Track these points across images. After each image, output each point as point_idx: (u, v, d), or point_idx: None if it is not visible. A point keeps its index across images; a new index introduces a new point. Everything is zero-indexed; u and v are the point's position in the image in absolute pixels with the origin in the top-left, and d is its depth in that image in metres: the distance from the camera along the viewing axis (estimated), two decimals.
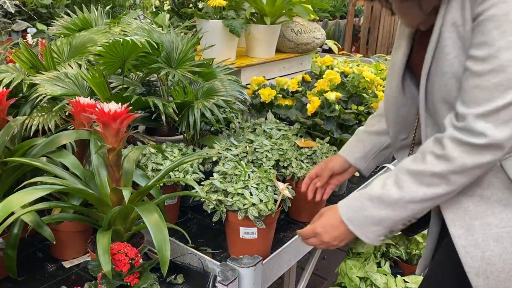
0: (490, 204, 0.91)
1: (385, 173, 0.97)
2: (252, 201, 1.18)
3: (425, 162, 0.87)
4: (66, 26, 1.74)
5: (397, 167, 0.93)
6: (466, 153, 0.83)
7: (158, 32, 1.59)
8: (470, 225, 0.91)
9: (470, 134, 0.82)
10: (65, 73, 1.45)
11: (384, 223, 0.93)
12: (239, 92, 1.58)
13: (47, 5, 3.12)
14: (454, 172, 0.85)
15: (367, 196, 0.94)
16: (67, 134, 1.17)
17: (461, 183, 0.87)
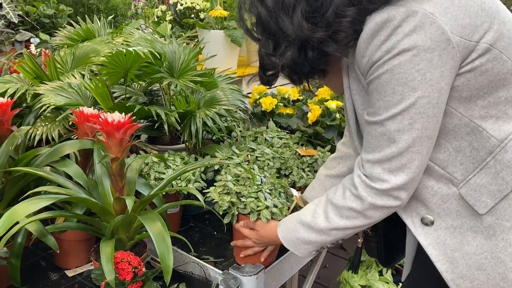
0: (463, 233, 0.93)
1: (317, 199, 1.07)
2: (266, 204, 1.18)
3: (344, 197, 0.97)
4: (69, 36, 1.76)
5: (325, 196, 1.04)
6: (374, 194, 0.92)
7: (160, 42, 1.60)
8: (452, 258, 0.95)
9: (371, 179, 0.91)
10: (68, 83, 1.46)
11: (313, 244, 1.05)
12: (240, 101, 1.59)
13: (50, 15, 3.16)
14: (368, 209, 0.94)
15: (299, 220, 1.06)
16: (71, 144, 1.18)
17: (378, 217, 0.96)
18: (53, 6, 3.20)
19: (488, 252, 0.91)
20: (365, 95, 0.94)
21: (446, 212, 0.95)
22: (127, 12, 3.73)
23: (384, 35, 0.81)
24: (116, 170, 1.08)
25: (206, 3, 2.01)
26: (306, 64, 0.91)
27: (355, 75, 0.94)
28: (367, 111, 0.92)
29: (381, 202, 0.92)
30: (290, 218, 1.11)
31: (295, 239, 1.06)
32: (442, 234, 0.96)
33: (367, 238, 1.20)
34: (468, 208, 0.92)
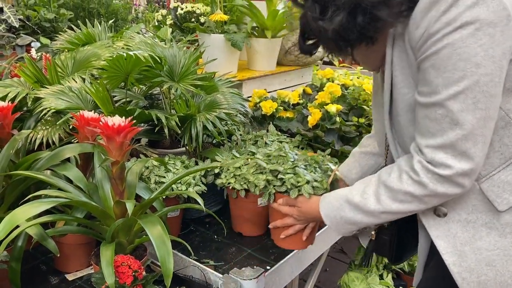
0: (477, 228, 0.93)
1: (366, 179, 1.02)
2: (306, 178, 1.13)
3: (401, 181, 0.92)
4: (70, 40, 1.77)
5: (376, 177, 0.99)
6: (436, 180, 0.88)
7: (160, 46, 1.61)
8: (461, 252, 0.94)
9: (434, 165, 0.87)
10: (69, 87, 1.47)
11: (358, 224, 1.01)
12: (240, 105, 1.60)
13: (51, 19, 3.17)
14: (427, 195, 0.90)
15: (346, 199, 1.01)
16: (71, 148, 1.18)
17: (434, 203, 0.92)
18: (53, 11, 3.22)
19: (501, 250, 0.91)
20: (409, 72, 0.90)
21: (461, 206, 0.93)
22: (128, 16, 3.74)
23: (445, 5, 0.77)
24: (117, 173, 1.08)
25: (207, 8, 2.02)
26: (354, 30, 0.84)
27: (402, 49, 0.89)
28: (419, 91, 0.87)
29: (443, 189, 0.87)
30: (334, 195, 1.06)
31: (339, 218, 1.02)
32: (453, 227, 0.95)
33: (381, 231, 1.16)
34: (487, 203, 0.91)
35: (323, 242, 1.53)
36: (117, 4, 3.56)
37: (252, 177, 1.18)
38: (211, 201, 1.57)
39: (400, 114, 0.95)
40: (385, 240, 1.16)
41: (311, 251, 1.45)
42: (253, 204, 1.39)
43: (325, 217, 1.05)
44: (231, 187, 1.38)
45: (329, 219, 1.05)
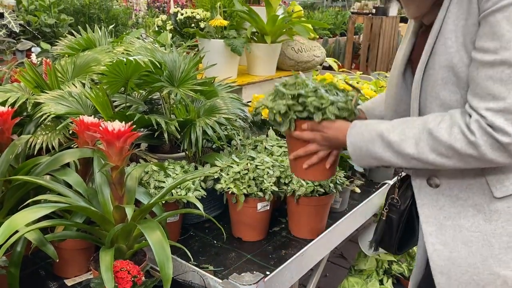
0: (465, 207, 0.93)
1: (408, 119, 0.94)
2: (330, 99, 1.03)
3: (451, 134, 0.85)
4: (70, 46, 1.77)
5: (422, 121, 0.91)
6: (490, 145, 0.82)
7: (160, 51, 1.61)
8: (442, 224, 0.94)
9: (494, 129, 0.81)
10: (69, 92, 1.47)
11: (382, 161, 0.95)
12: (240, 110, 1.60)
13: (51, 24, 3.18)
14: (473, 157, 0.85)
15: (380, 134, 0.94)
16: (71, 153, 1.18)
17: (472, 166, 0.87)
18: (54, 16, 3.23)
19: (482, 233, 0.91)
20: (463, 24, 0.85)
21: (456, 181, 0.93)
22: (128, 21, 3.75)
23: None
24: (116, 178, 1.08)
25: (206, 13, 2.03)
26: None
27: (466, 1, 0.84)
28: (481, 48, 0.81)
29: (493, 155, 0.83)
30: (366, 126, 0.99)
31: (365, 150, 0.96)
32: (442, 199, 0.94)
33: (391, 208, 1.13)
34: (484, 186, 0.91)
35: (324, 247, 1.52)
36: (117, 9, 3.58)
37: (271, 103, 1.07)
38: (210, 206, 1.57)
39: (435, 69, 0.90)
40: (393, 220, 1.13)
41: (310, 256, 1.45)
42: (253, 209, 1.39)
43: (350, 144, 0.99)
44: (231, 192, 1.38)
45: (353, 148, 0.98)
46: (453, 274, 0.93)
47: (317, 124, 1.05)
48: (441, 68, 0.89)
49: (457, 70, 0.88)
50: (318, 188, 1.42)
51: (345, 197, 1.69)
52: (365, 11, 5.91)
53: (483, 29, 0.82)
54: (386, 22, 4.66)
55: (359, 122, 1.01)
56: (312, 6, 8.44)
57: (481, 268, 0.91)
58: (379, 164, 0.98)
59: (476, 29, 0.84)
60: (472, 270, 0.92)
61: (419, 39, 1.04)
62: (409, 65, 1.04)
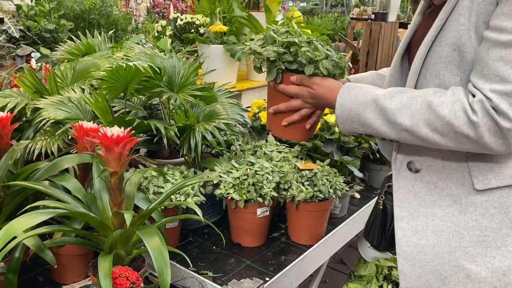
0: (441, 196, 0.92)
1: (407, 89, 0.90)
2: (325, 52, 0.96)
3: (451, 110, 0.82)
4: (70, 51, 1.78)
5: (422, 93, 0.87)
6: (488, 128, 0.80)
7: (160, 57, 1.62)
8: (415, 211, 0.93)
9: (497, 111, 0.79)
10: (68, 98, 1.47)
11: (369, 128, 0.91)
12: (239, 115, 1.60)
13: (51, 29, 3.18)
14: (468, 137, 0.82)
15: (375, 100, 0.90)
16: (70, 158, 1.18)
17: (463, 148, 0.85)
18: (54, 21, 3.23)
19: (454, 224, 0.90)
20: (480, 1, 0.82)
21: (436, 168, 0.91)
22: (128, 27, 3.76)
23: None
24: (115, 184, 1.07)
25: (206, 18, 2.03)
26: None
27: None
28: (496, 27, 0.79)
29: (490, 139, 0.80)
30: (361, 89, 0.94)
31: (355, 114, 0.92)
32: (419, 185, 0.93)
33: (387, 195, 1.10)
34: (465, 177, 0.90)
35: (323, 252, 1.52)
36: (117, 14, 3.59)
37: (259, 49, 0.98)
38: (210, 211, 1.56)
39: (442, 46, 0.87)
40: (388, 208, 1.10)
41: (310, 262, 1.44)
42: (252, 214, 1.39)
43: (340, 106, 0.93)
44: (230, 198, 1.37)
45: (342, 109, 0.93)
46: (417, 262, 0.93)
47: (307, 78, 1.00)
48: (447, 46, 0.87)
49: (463, 50, 0.86)
50: (318, 193, 1.42)
51: (345, 203, 1.69)
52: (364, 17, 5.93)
53: (502, 8, 0.80)
54: (385, 28, 4.68)
55: (353, 84, 0.97)
56: (312, 12, 8.47)
57: (447, 258, 0.91)
58: (364, 132, 0.94)
59: (492, 8, 0.82)
60: (437, 260, 0.92)
61: (424, 19, 1.03)
62: (409, 46, 1.03)
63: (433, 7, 1.02)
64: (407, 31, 1.08)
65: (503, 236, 0.91)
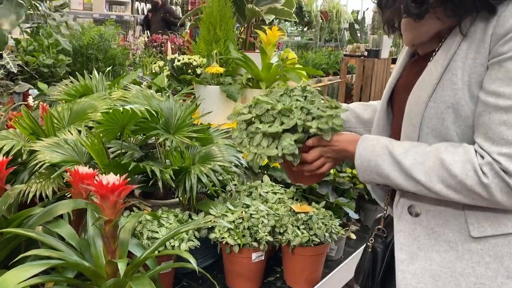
0: (439, 242, 0.93)
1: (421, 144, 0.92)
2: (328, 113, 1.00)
3: (463, 169, 0.85)
4: (67, 92, 1.79)
5: (434, 149, 0.90)
6: (500, 189, 0.83)
7: (157, 99, 1.63)
8: (414, 254, 0.94)
9: (507, 173, 0.82)
10: (64, 139, 1.48)
11: (387, 179, 0.93)
12: (235, 157, 1.61)
13: (49, 64, 3.22)
14: (481, 196, 0.85)
15: (391, 152, 0.93)
16: (65, 204, 1.17)
17: (477, 204, 0.87)
18: (52, 56, 3.27)
19: (451, 270, 0.92)
20: (471, 63, 0.86)
21: (435, 215, 0.93)
22: (125, 61, 3.80)
23: None
24: (109, 232, 1.07)
25: (203, 59, 2.07)
26: None
27: (479, 36, 0.85)
28: (494, 92, 0.82)
29: (502, 199, 0.83)
30: (378, 141, 0.97)
31: (374, 165, 0.94)
32: (418, 230, 0.95)
33: (377, 239, 1.12)
34: (462, 224, 0.91)
35: None
36: (115, 49, 3.63)
37: (261, 149, 1.00)
38: (204, 254, 1.55)
39: (437, 103, 0.90)
40: (378, 252, 1.11)
41: None
42: (247, 259, 1.37)
43: (359, 156, 0.97)
44: (225, 242, 1.36)
45: (361, 160, 0.96)
46: None
47: (322, 139, 1.03)
48: (442, 103, 0.90)
49: (457, 108, 0.89)
50: (314, 237, 1.41)
51: (341, 245, 1.68)
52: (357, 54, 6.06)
53: (496, 73, 0.83)
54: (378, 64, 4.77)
55: (370, 136, 1.00)
56: (306, 46, 8.64)
57: None
58: (383, 182, 0.96)
59: (482, 69, 0.86)
60: None
61: (409, 67, 1.07)
62: (393, 93, 1.07)
63: (417, 56, 1.05)
64: (391, 76, 1.11)
65: (499, 285, 0.91)
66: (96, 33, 3.50)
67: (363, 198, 1.91)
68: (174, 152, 1.55)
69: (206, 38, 2.11)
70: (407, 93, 0.98)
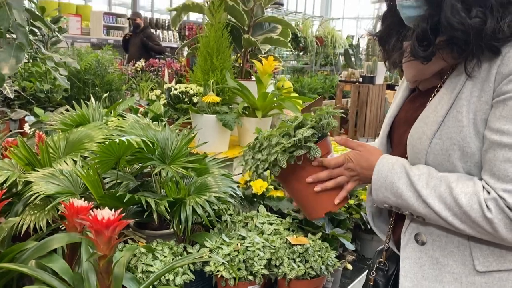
0: (442, 273, 0.93)
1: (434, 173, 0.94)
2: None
3: (469, 200, 0.87)
4: (64, 121, 1.80)
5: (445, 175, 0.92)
6: (504, 224, 0.84)
7: (153, 129, 1.64)
8: (419, 282, 0.95)
9: (510, 210, 0.83)
10: (60, 170, 1.47)
11: (400, 199, 0.94)
12: (231, 188, 1.60)
13: (46, 90, 3.23)
14: (485, 230, 0.86)
15: (408, 173, 0.94)
16: (59, 238, 1.16)
17: (482, 237, 0.89)
18: (49, 82, 3.28)
19: None
20: (475, 101, 0.88)
21: (440, 245, 0.94)
22: (122, 86, 3.83)
23: None
24: (104, 267, 1.06)
25: (200, 88, 2.09)
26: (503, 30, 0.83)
27: (482, 75, 0.88)
28: (498, 130, 0.84)
29: (506, 235, 0.85)
30: (397, 160, 0.99)
31: (390, 182, 0.96)
32: (424, 259, 0.95)
33: (378, 272, 1.12)
34: (466, 257, 0.92)
35: None
36: (112, 74, 3.66)
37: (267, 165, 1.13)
38: (199, 286, 1.52)
39: (442, 139, 0.92)
40: (379, 284, 1.11)
41: None
42: None
43: (377, 171, 0.99)
44: (220, 275, 1.35)
45: (378, 176, 0.98)
46: None
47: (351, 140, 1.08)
48: (448, 140, 0.92)
49: (463, 145, 0.90)
50: (310, 270, 1.40)
51: (337, 276, 1.66)
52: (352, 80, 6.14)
53: (501, 111, 0.85)
54: (373, 90, 4.83)
55: (390, 156, 1.02)
56: (302, 70, 8.74)
57: None
58: (394, 203, 0.97)
59: (487, 107, 0.88)
60: None
61: (408, 102, 1.08)
62: (393, 126, 1.09)
63: (418, 92, 1.07)
64: (390, 110, 1.12)
65: None
66: (93, 58, 3.53)
67: (359, 227, 1.90)
68: (170, 182, 1.55)
69: (203, 67, 2.13)
70: (408, 127, 1.00)
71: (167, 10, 3.12)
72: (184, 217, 1.44)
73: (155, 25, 9.53)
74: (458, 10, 0.84)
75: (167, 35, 9.59)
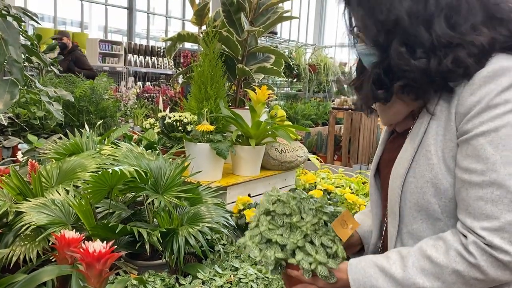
0: None
1: (403, 249, 0.93)
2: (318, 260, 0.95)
3: (449, 257, 0.86)
4: (57, 150, 1.80)
5: (417, 249, 0.91)
6: (491, 265, 0.83)
7: (147, 158, 1.64)
8: None
9: (492, 248, 0.83)
10: (52, 200, 1.46)
11: None
12: (223, 218, 1.60)
13: (40, 117, 3.23)
14: (477, 279, 0.85)
15: (381, 269, 0.92)
16: (49, 271, 1.15)
17: (477, 286, 0.87)
18: (43, 109, 3.29)
19: None
20: (441, 139, 0.89)
21: None
22: (116, 113, 3.84)
23: (508, 82, 0.81)
24: None
25: (194, 116, 2.10)
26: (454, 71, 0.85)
27: (444, 114, 0.89)
28: (467, 168, 0.85)
29: (496, 274, 0.83)
30: (365, 262, 0.96)
31: (370, 286, 0.92)
32: None
33: None
34: None
35: None
36: (106, 101, 3.67)
37: None
38: None
39: (416, 177, 0.93)
40: None
41: None
42: None
43: (353, 282, 0.95)
44: None
45: (358, 285, 0.95)
46: None
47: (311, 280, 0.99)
48: (421, 177, 0.93)
49: (435, 182, 0.91)
50: None
51: None
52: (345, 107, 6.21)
53: (466, 151, 0.86)
54: (366, 117, 4.89)
55: (358, 260, 0.99)
56: (295, 97, 8.83)
57: None
58: None
59: (453, 145, 0.89)
60: None
61: (389, 144, 1.10)
62: (379, 167, 1.10)
63: (396, 134, 1.09)
64: (377, 150, 1.14)
65: None
66: (88, 86, 3.55)
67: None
68: (162, 212, 1.54)
69: (197, 96, 2.16)
70: (390, 168, 1.01)
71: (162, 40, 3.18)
72: (177, 248, 1.43)
73: (150, 53, 9.63)
74: (402, 53, 0.88)
75: (162, 62, 9.68)
